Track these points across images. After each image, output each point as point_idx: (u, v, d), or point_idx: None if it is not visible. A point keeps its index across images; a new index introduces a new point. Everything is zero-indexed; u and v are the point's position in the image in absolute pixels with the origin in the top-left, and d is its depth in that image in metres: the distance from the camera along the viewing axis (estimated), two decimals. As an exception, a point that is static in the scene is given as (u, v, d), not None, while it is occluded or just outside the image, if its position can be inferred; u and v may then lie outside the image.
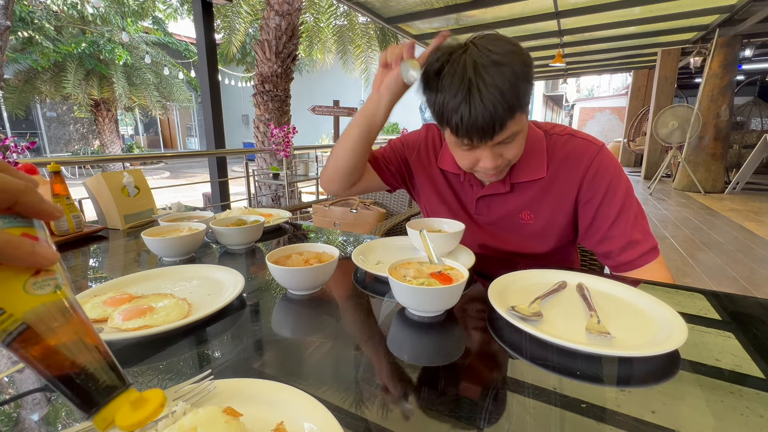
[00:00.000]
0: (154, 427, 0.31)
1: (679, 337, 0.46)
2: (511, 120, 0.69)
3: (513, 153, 0.77)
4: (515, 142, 0.75)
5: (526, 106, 0.71)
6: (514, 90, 0.67)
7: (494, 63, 0.66)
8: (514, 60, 0.67)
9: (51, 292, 0.21)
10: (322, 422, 0.33)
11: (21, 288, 0.20)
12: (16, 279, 0.20)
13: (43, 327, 0.21)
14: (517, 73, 0.67)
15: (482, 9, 4.40)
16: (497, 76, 0.66)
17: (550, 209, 0.85)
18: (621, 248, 0.79)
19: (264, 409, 0.36)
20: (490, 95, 0.66)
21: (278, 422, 0.33)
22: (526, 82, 0.68)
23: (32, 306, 0.20)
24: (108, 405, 0.23)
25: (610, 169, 0.81)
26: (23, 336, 0.20)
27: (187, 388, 0.38)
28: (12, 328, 0.20)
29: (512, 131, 0.72)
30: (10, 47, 8.76)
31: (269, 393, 0.37)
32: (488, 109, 0.66)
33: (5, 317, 0.20)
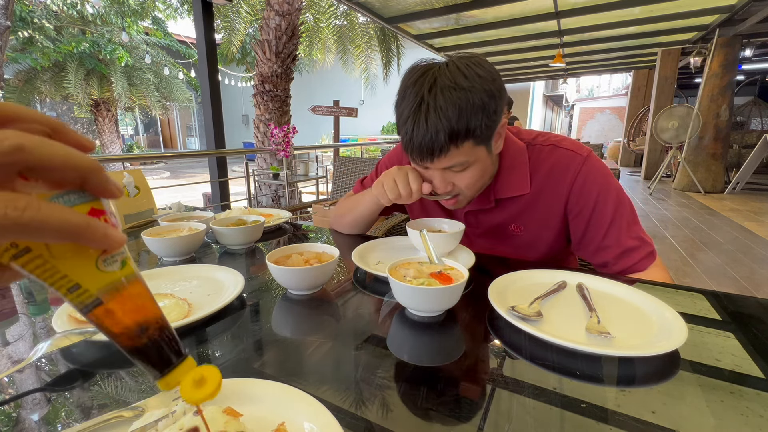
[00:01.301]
0: (155, 427, 0.31)
1: (679, 337, 0.46)
2: (455, 148, 0.67)
3: (465, 183, 0.75)
4: (468, 173, 0.73)
5: (481, 138, 0.69)
6: (462, 117, 0.65)
7: (451, 87, 0.64)
8: (474, 87, 0.65)
9: (119, 268, 0.23)
10: (322, 422, 0.33)
11: (93, 265, 0.22)
12: (89, 256, 0.22)
13: (114, 301, 0.23)
14: (473, 100, 0.65)
15: (482, 9, 4.40)
16: (449, 101, 0.64)
17: (538, 223, 0.84)
18: (616, 257, 0.78)
19: (264, 409, 0.36)
20: (435, 118, 0.65)
21: (279, 423, 0.33)
22: (482, 111, 0.66)
23: (104, 282, 0.22)
24: (171, 373, 0.26)
25: (597, 180, 0.79)
26: (98, 309, 0.22)
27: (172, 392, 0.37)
28: (88, 301, 0.22)
29: (458, 160, 0.70)
30: (10, 47, 8.76)
31: (269, 393, 0.37)
32: (429, 132, 0.66)
33: (81, 291, 0.22)
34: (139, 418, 0.33)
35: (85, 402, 0.40)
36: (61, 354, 0.48)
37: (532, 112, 15.44)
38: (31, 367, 0.46)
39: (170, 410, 0.32)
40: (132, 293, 0.24)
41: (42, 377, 0.44)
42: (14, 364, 0.46)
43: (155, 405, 0.34)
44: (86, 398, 0.41)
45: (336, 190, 2.96)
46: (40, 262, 0.20)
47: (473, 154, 0.71)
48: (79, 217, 0.20)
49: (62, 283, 0.21)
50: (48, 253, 0.20)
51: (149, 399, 0.37)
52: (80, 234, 0.20)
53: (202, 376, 0.27)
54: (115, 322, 0.23)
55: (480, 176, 0.76)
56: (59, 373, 0.45)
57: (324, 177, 5.24)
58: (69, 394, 0.42)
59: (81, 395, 0.41)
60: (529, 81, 12.53)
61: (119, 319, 0.23)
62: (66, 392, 0.42)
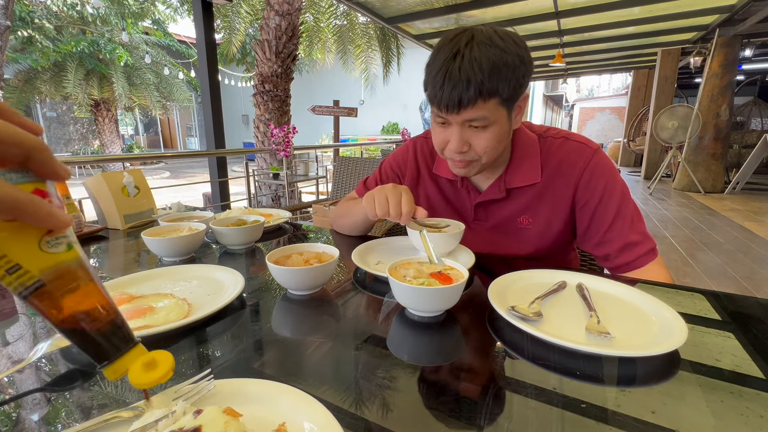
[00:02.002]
0: (155, 427, 0.31)
1: (679, 337, 0.46)
2: (482, 100, 0.68)
3: (483, 144, 0.74)
4: (487, 133, 0.73)
5: (507, 99, 0.70)
6: (494, 71, 0.67)
7: (487, 43, 0.67)
8: (509, 48, 0.67)
9: (64, 251, 0.22)
10: (322, 422, 0.33)
11: (36, 245, 0.21)
12: (31, 236, 0.21)
13: (58, 283, 0.22)
14: (506, 60, 0.67)
15: (482, 9, 4.40)
16: (483, 53, 0.66)
17: (547, 213, 0.85)
18: (618, 251, 0.79)
19: (264, 409, 0.36)
20: (469, 67, 0.66)
21: (280, 423, 0.33)
22: (512, 72, 0.68)
23: (47, 263, 0.21)
24: (118, 359, 0.25)
25: (605, 173, 0.80)
26: (39, 291, 0.21)
27: (186, 388, 0.38)
28: (29, 283, 0.21)
29: (482, 114, 0.70)
30: (10, 47, 8.76)
31: (269, 393, 0.37)
32: (462, 80, 0.67)
33: (22, 272, 0.21)
34: (138, 418, 0.33)
35: (85, 402, 0.40)
36: (61, 354, 0.48)
37: (532, 112, 15.45)
38: (31, 367, 0.46)
39: (170, 410, 0.32)
40: (77, 277, 0.23)
41: (42, 377, 0.44)
42: (14, 364, 0.46)
43: (155, 405, 0.34)
44: (86, 398, 0.41)
45: (336, 190, 2.96)
46: None
47: (496, 113, 0.71)
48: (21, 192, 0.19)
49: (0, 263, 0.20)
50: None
51: (150, 399, 0.36)
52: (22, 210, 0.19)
53: (154, 359, 0.27)
54: (57, 307, 0.22)
55: (498, 141, 0.75)
56: (59, 373, 0.45)
57: (324, 177, 5.24)
58: (69, 394, 0.42)
59: (81, 395, 0.41)
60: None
61: (62, 304, 0.22)
62: (66, 392, 0.42)
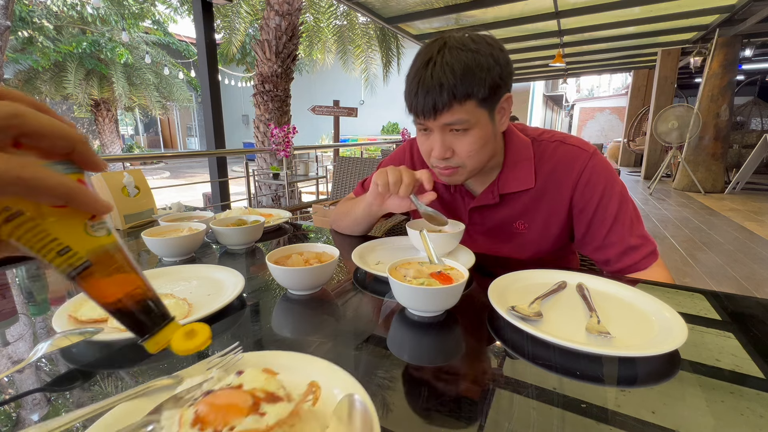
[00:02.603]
0: (199, 389, 0.34)
1: (679, 337, 0.46)
2: (457, 103, 0.69)
3: (466, 149, 0.74)
4: (469, 137, 0.73)
5: (484, 99, 0.70)
6: (467, 73, 0.67)
7: (459, 47, 0.68)
8: (482, 50, 0.68)
9: (105, 235, 0.24)
10: (349, 388, 0.35)
11: (82, 229, 0.23)
12: (78, 221, 0.23)
13: (101, 264, 0.24)
14: (479, 61, 0.67)
15: (482, 9, 4.40)
16: (455, 57, 0.67)
17: (543, 218, 0.84)
18: (619, 255, 0.78)
19: (293, 375, 0.37)
20: (440, 72, 0.67)
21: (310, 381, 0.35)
22: (487, 73, 0.68)
23: (92, 245, 0.24)
24: (157, 333, 0.27)
25: (602, 177, 0.79)
26: (86, 271, 0.24)
27: (216, 360, 0.41)
28: (78, 263, 0.23)
29: (460, 117, 0.70)
30: (10, 47, 8.76)
31: (297, 363, 0.40)
32: (434, 85, 0.68)
33: (71, 254, 0.23)
34: (179, 385, 0.36)
35: (85, 402, 0.40)
36: (61, 354, 0.48)
37: (532, 112, 15.44)
38: (31, 367, 0.46)
39: (206, 378, 0.35)
40: (117, 259, 0.25)
41: (42, 377, 0.44)
42: (14, 364, 0.46)
43: (192, 374, 0.37)
44: (86, 398, 0.41)
45: (336, 190, 2.96)
46: (32, 225, 0.21)
47: (475, 116, 0.71)
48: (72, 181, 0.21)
49: (52, 246, 0.22)
50: (40, 216, 0.21)
51: (186, 369, 0.39)
52: (74, 196, 0.21)
53: (193, 329, 0.30)
54: (102, 287, 0.24)
55: (481, 145, 0.74)
56: (59, 373, 0.45)
57: (324, 177, 5.24)
58: (69, 394, 0.42)
59: (81, 395, 0.41)
60: (529, 81, 12.54)
61: (106, 283, 0.24)
62: (66, 392, 0.42)
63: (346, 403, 0.32)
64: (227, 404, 0.28)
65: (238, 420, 0.27)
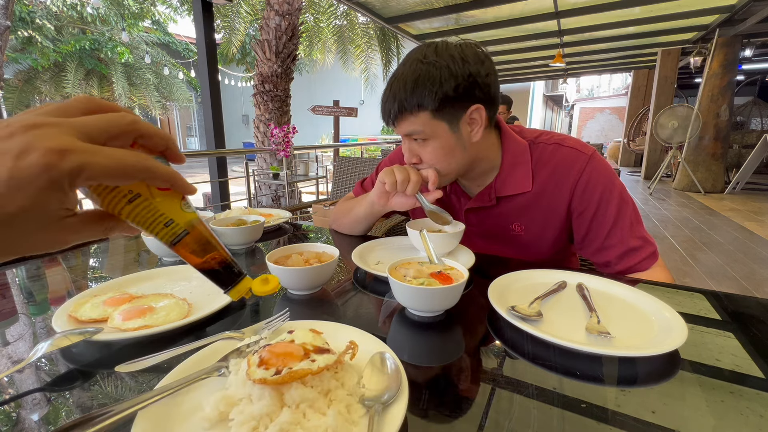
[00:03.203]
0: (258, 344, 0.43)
1: (679, 337, 0.46)
2: (409, 113, 0.73)
3: (427, 156, 0.78)
4: (428, 146, 0.77)
5: (437, 110, 0.72)
6: (416, 87, 0.70)
7: (420, 59, 0.71)
8: (440, 62, 0.70)
9: (192, 212, 0.31)
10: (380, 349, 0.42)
11: (179, 206, 0.30)
12: (176, 200, 0.30)
13: (193, 233, 0.31)
14: (431, 73, 0.70)
15: (482, 9, 4.40)
16: (409, 70, 0.71)
17: (540, 221, 0.83)
18: (619, 257, 0.78)
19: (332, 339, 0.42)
20: (396, 84, 0.72)
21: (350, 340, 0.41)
22: (437, 86, 0.69)
23: (187, 219, 0.30)
24: (237, 285, 0.35)
25: (601, 179, 0.79)
26: (183, 239, 0.30)
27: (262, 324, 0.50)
28: (179, 232, 0.30)
29: (414, 128, 0.74)
30: (10, 47, 8.76)
31: (332, 329, 0.47)
32: (390, 96, 0.73)
33: (174, 225, 0.29)
34: (242, 339, 0.46)
35: (85, 402, 0.40)
36: (61, 354, 0.48)
37: (532, 112, 15.44)
38: (31, 367, 0.46)
39: (260, 336, 0.45)
40: (203, 228, 0.32)
41: (42, 377, 0.44)
42: (14, 364, 0.46)
43: (249, 333, 0.48)
44: (86, 398, 0.41)
45: (336, 190, 2.96)
46: (147, 204, 0.28)
47: (431, 127, 0.74)
48: (173, 169, 0.28)
49: (160, 219, 0.29)
50: (151, 197, 0.28)
51: (246, 328, 0.49)
52: (176, 181, 0.28)
53: (266, 278, 0.39)
54: (194, 250, 0.32)
55: (443, 154, 0.77)
56: (59, 373, 0.45)
57: (324, 177, 5.24)
58: (69, 394, 0.42)
59: (81, 395, 0.41)
60: (529, 81, 12.54)
61: (197, 247, 0.32)
62: (66, 392, 0.42)
63: (378, 356, 0.41)
64: (285, 352, 0.36)
65: (294, 363, 0.35)
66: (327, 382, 0.36)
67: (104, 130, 0.24)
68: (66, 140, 0.22)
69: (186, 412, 0.36)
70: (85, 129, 0.23)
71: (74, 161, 0.22)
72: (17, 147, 0.21)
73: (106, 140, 0.24)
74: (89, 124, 0.24)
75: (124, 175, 0.24)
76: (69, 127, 0.23)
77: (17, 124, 0.22)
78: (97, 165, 0.23)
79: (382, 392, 0.36)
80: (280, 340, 0.39)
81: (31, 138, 0.21)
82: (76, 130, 0.23)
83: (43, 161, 0.21)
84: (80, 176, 0.22)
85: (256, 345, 0.43)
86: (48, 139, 0.21)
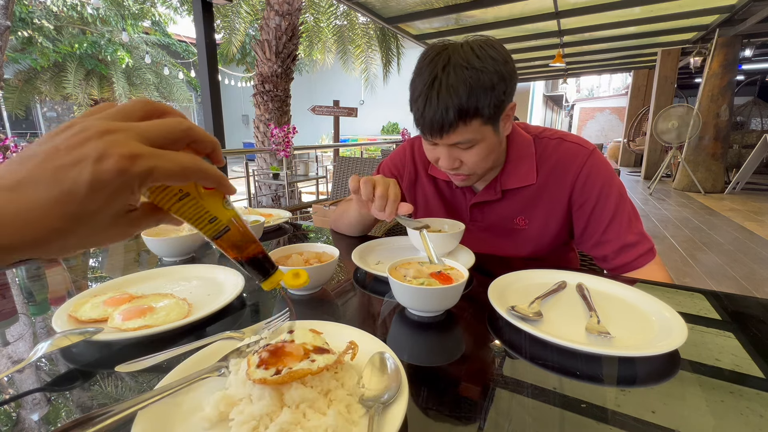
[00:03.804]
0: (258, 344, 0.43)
1: (679, 337, 0.46)
2: (463, 125, 0.69)
3: (472, 161, 0.75)
4: (475, 150, 0.74)
5: (489, 118, 0.70)
6: (472, 96, 0.66)
7: (464, 65, 0.66)
8: (486, 67, 0.67)
9: (232, 209, 0.33)
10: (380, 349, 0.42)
11: (221, 204, 0.32)
12: (219, 199, 0.32)
13: (234, 229, 0.33)
14: (483, 80, 0.66)
15: (482, 9, 4.40)
16: (459, 79, 0.66)
17: (543, 214, 0.85)
18: (616, 252, 0.79)
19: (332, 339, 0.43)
20: (446, 95, 0.67)
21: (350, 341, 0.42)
22: (491, 91, 0.67)
23: (228, 216, 0.32)
24: (271, 276, 0.38)
25: (601, 174, 0.80)
26: (225, 235, 0.33)
27: (262, 324, 0.50)
28: (221, 228, 0.32)
29: (466, 137, 0.71)
30: (10, 47, 8.76)
31: (334, 329, 0.47)
32: (440, 108, 0.67)
33: (217, 222, 0.32)
34: (242, 339, 0.46)
35: (85, 402, 0.40)
36: (61, 354, 0.48)
37: (532, 112, 15.43)
38: (31, 367, 0.46)
39: (260, 336, 0.46)
40: (241, 224, 0.34)
41: (42, 377, 0.44)
42: (14, 364, 0.46)
43: (249, 333, 0.48)
44: (86, 398, 0.41)
45: (336, 190, 2.96)
46: (194, 202, 0.30)
47: (480, 133, 0.72)
48: (220, 171, 0.30)
49: (205, 216, 0.31)
50: (199, 196, 0.30)
51: (246, 328, 0.49)
52: (222, 181, 0.30)
53: (297, 272, 0.45)
54: (235, 245, 0.34)
55: (486, 155, 0.76)
56: (59, 373, 0.45)
57: (324, 177, 5.24)
58: (69, 393, 0.42)
59: (81, 395, 0.41)
60: (529, 81, 12.53)
61: (237, 242, 0.34)
62: (66, 392, 0.42)
63: (378, 356, 0.41)
64: (284, 352, 0.37)
65: (294, 363, 0.35)
66: (327, 382, 0.36)
67: (165, 136, 0.27)
68: (135, 146, 0.25)
69: (186, 412, 0.36)
70: (149, 134, 0.26)
71: (143, 166, 0.24)
72: (95, 153, 0.23)
73: (166, 144, 0.27)
74: (152, 130, 0.26)
75: (183, 177, 0.27)
76: (136, 133, 0.25)
77: (92, 129, 0.24)
78: (162, 168, 0.25)
79: (382, 392, 0.36)
80: (280, 340, 0.39)
81: (106, 144, 0.24)
82: (142, 136, 0.26)
83: (117, 166, 0.24)
84: (148, 179, 0.25)
85: (256, 345, 0.43)
86: (120, 146, 0.24)
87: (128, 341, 0.50)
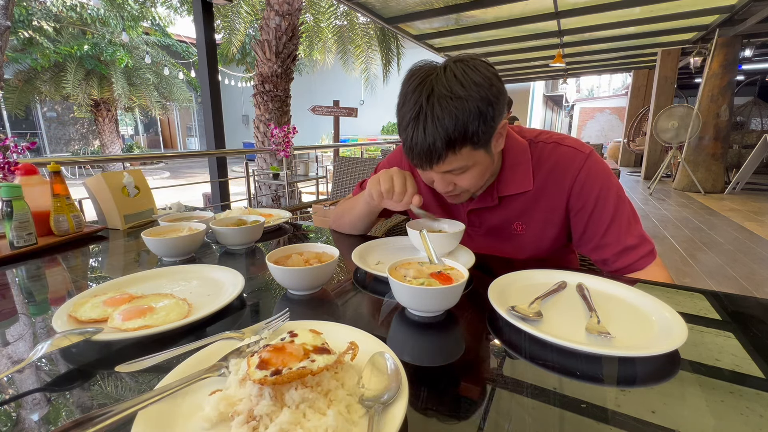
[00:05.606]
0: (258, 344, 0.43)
1: (679, 337, 0.46)
2: (453, 154, 0.69)
3: (467, 183, 0.76)
4: (468, 174, 0.74)
5: (480, 142, 0.69)
6: (459, 126, 0.66)
7: (448, 96, 0.65)
8: (471, 95, 0.65)
9: None
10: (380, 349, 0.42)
11: None
12: None
13: None
14: (470, 109, 0.65)
15: (482, 9, 4.40)
16: (445, 110, 0.65)
17: (540, 219, 0.84)
18: (616, 255, 0.79)
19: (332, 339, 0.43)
20: (432, 126, 0.66)
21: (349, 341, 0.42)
22: (478, 118, 0.66)
23: None
24: None
25: (599, 177, 0.79)
26: None
27: (262, 324, 0.50)
28: None
29: (457, 165, 0.71)
30: (10, 47, 8.76)
31: (334, 329, 0.47)
32: (427, 140, 0.67)
33: None
34: (242, 339, 0.46)
35: (85, 402, 0.40)
36: (61, 354, 0.48)
37: (532, 112, 15.43)
38: (31, 367, 0.46)
39: (260, 336, 0.46)
40: None
41: (42, 377, 0.44)
42: (14, 364, 0.46)
43: (249, 333, 0.48)
44: (86, 398, 0.41)
45: (336, 190, 2.96)
46: None
47: (472, 158, 0.72)
48: None
49: None
50: None
51: (246, 328, 0.49)
52: None
53: None
54: None
55: (480, 176, 0.77)
56: (59, 373, 0.45)
57: (324, 177, 5.24)
58: (69, 394, 0.42)
59: (81, 395, 0.41)
60: (529, 81, 12.53)
61: None
62: (66, 392, 0.42)
63: (378, 356, 0.41)
64: (285, 352, 0.37)
65: (294, 363, 0.35)
66: (327, 382, 0.36)
67: None
68: None
69: (186, 412, 0.36)
70: None
71: None
72: None
73: None
74: None
75: None
76: None
77: None
78: None
79: (382, 392, 0.36)
80: (280, 340, 0.40)
81: None
82: None
83: None
84: None
85: (256, 345, 0.43)
86: None
87: (128, 341, 0.50)
